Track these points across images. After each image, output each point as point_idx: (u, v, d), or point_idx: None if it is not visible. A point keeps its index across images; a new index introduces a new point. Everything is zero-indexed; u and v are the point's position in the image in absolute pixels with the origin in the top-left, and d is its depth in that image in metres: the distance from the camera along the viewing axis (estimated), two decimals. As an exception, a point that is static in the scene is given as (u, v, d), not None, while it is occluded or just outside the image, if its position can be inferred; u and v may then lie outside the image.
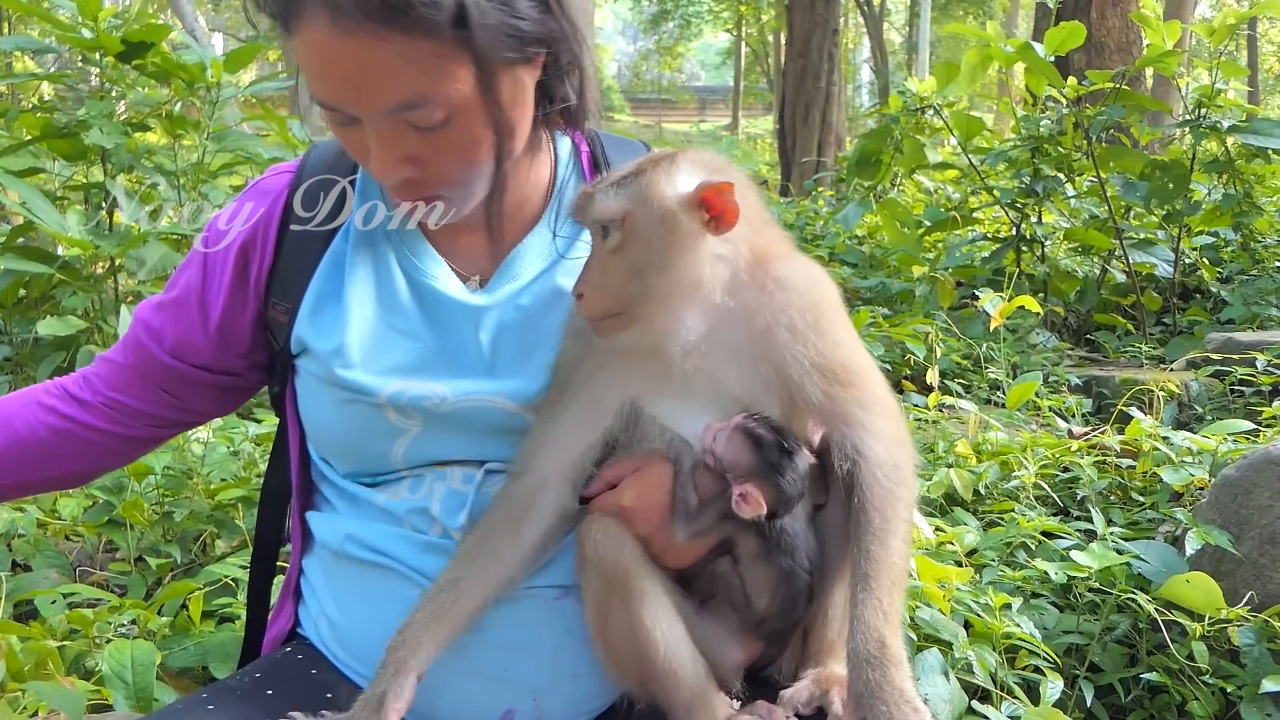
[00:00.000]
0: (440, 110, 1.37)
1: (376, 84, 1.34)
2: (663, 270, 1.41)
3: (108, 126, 4.71)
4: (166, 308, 1.71)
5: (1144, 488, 3.02)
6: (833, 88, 14.31)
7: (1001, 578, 2.51)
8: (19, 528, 3.03)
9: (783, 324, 1.44)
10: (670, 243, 1.40)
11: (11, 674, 2.15)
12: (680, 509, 1.47)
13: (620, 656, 1.48)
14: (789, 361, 1.44)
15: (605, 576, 1.46)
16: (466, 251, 1.65)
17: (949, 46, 35.14)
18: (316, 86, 1.38)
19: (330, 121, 1.44)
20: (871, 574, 1.38)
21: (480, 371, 1.58)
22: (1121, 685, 2.43)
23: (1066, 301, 6.10)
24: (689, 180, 1.41)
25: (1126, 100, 5.76)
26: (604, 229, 1.42)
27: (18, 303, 5.10)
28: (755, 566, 1.50)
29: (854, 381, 1.47)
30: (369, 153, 1.43)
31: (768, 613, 1.51)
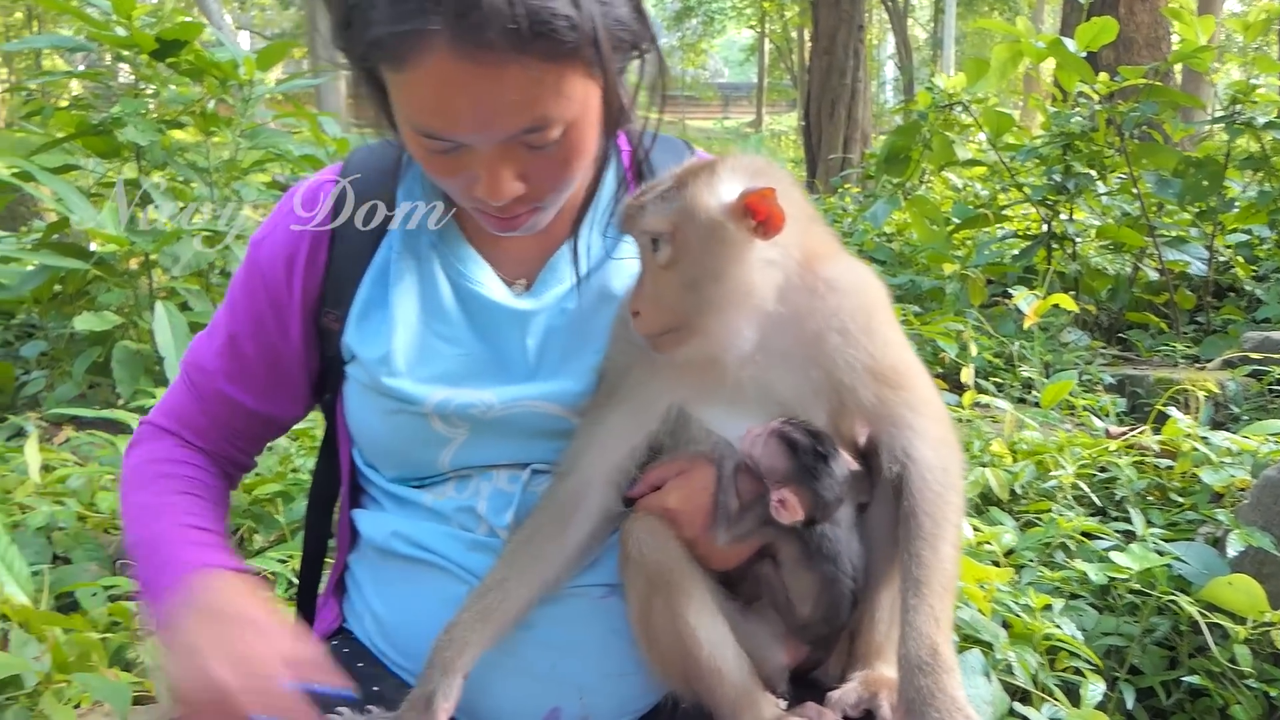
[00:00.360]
0: (559, 127, 1.36)
1: (505, 111, 1.31)
2: (716, 281, 1.40)
3: (142, 124, 4.75)
4: (228, 346, 1.69)
5: (1183, 488, 3.00)
6: (858, 84, 14.25)
7: (1040, 578, 2.50)
8: (59, 521, 3.05)
9: (835, 328, 1.44)
10: (720, 253, 1.39)
11: (57, 665, 2.16)
12: (721, 513, 1.46)
13: (664, 655, 1.48)
14: (841, 365, 1.43)
15: (649, 575, 1.46)
16: (510, 255, 1.64)
17: (974, 42, 34.95)
18: (429, 117, 1.33)
19: (425, 149, 1.39)
20: (923, 579, 1.37)
21: (526, 376, 1.57)
22: (1162, 688, 2.41)
23: (1098, 300, 6.06)
24: (732, 188, 1.40)
25: (1160, 96, 5.71)
26: (654, 243, 1.41)
27: (53, 298, 5.14)
28: (797, 572, 1.49)
29: (904, 384, 1.46)
30: (464, 175, 1.40)
31: (811, 619, 1.50)
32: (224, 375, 1.69)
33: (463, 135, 1.34)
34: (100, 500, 3.20)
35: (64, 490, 3.28)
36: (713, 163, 1.45)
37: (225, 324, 1.70)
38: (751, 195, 1.37)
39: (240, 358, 1.68)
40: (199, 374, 1.71)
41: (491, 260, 1.64)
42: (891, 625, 1.52)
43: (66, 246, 4.99)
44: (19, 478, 3.31)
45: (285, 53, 5.59)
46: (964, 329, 4.51)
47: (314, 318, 1.65)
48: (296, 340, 1.66)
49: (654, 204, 1.40)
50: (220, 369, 1.69)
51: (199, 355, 1.72)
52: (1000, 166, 6.74)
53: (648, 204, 1.41)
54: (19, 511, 3.10)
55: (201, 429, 1.73)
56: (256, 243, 1.68)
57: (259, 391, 1.70)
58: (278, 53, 5.43)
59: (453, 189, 1.46)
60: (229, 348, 1.69)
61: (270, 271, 1.65)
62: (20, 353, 5.28)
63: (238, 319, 1.69)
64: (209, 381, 1.70)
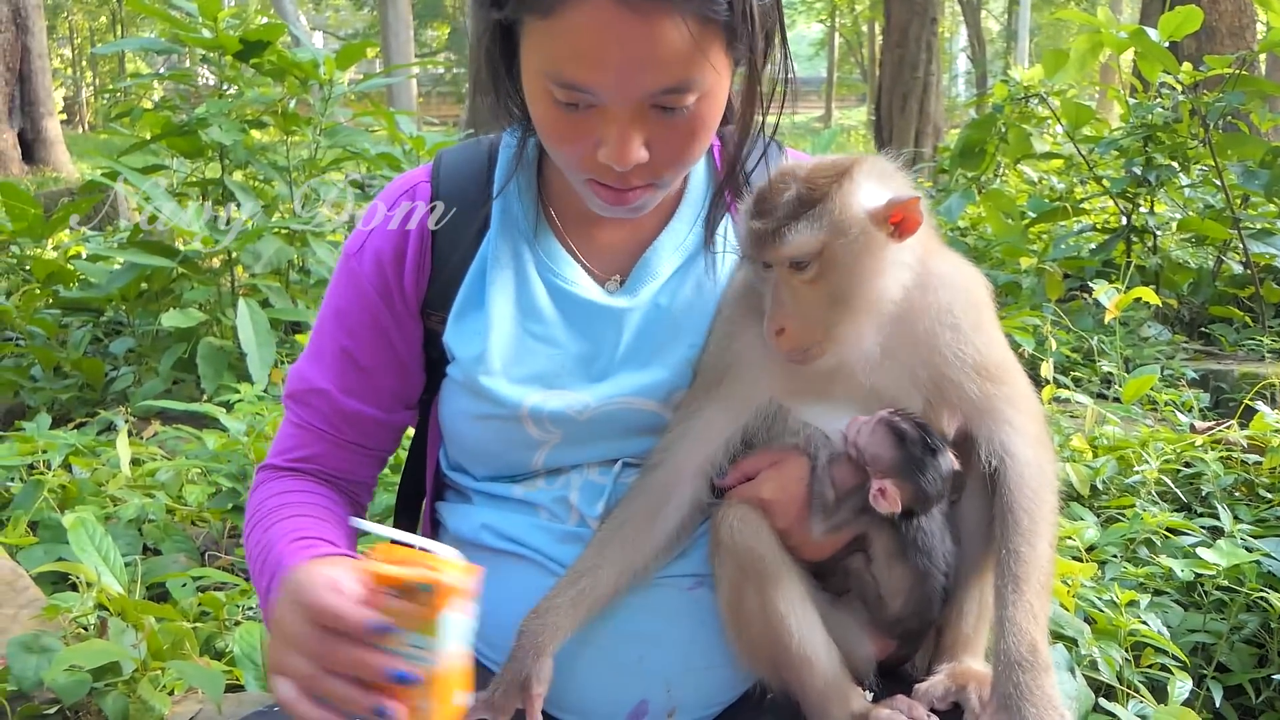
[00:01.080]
0: (693, 95, 1.36)
1: (654, 66, 1.31)
2: (861, 291, 1.40)
3: (226, 124, 4.86)
4: (343, 361, 1.66)
5: (1272, 484, 2.93)
6: (930, 78, 14.08)
7: (1124, 574, 2.46)
8: (149, 513, 3.14)
9: (947, 324, 1.45)
10: (868, 264, 1.39)
11: (152, 653, 2.22)
12: (817, 503, 1.47)
13: (753, 643, 1.49)
14: (950, 360, 1.44)
15: (740, 562, 1.47)
16: (603, 252, 1.64)
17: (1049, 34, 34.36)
18: (575, 65, 1.32)
19: (555, 106, 1.38)
20: (1022, 576, 1.37)
21: (620, 373, 1.57)
22: (1251, 686, 2.36)
23: (1180, 294, 5.93)
24: (875, 195, 1.40)
25: (1246, 85, 5.57)
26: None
27: (139, 296, 5.28)
28: (890, 565, 1.49)
29: (1005, 379, 1.47)
30: (587, 140, 1.40)
31: (902, 614, 1.50)
32: (342, 392, 1.65)
33: (605, 87, 1.33)
34: (187, 493, 3.28)
35: (153, 483, 3.37)
36: (847, 169, 1.42)
37: (333, 341, 1.66)
38: (898, 206, 1.38)
39: (359, 371, 1.65)
40: (314, 398, 1.67)
41: (584, 258, 1.64)
42: (979, 619, 1.52)
43: (153, 245, 5.12)
44: (110, 471, 3.40)
45: (363, 52, 5.67)
46: (1042, 323, 4.45)
47: (422, 318, 1.64)
48: (415, 341, 1.66)
49: (798, 224, 1.37)
50: (338, 387, 1.65)
51: (308, 380, 1.67)
52: (1078, 159, 6.62)
53: (788, 227, 1.38)
54: (111, 504, 3.20)
55: (318, 456, 1.69)
56: (355, 252, 1.65)
57: (384, 401, 1.68)
58: (356, 52, 5.51)
59: (572, 157, 1.44)
60: (344, 363, 1.65)
61: (379, 276, 1.63)
62: (109, 349, 5.43)
63: (351, 332, 1.65)
64: (327, 403, 1.66)
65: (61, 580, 2.80)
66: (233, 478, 3.30)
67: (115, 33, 37.00)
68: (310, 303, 5.18)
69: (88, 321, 5.59)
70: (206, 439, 3.56)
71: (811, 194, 1.38)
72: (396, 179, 1.73)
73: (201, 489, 3.30)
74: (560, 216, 1.64)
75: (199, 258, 4.97)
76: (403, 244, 1.63)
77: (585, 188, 1.49)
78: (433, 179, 1.66)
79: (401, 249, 1.63)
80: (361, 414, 1.67)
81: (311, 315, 4.92)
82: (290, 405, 1.70)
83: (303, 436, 1.69)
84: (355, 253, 1.65)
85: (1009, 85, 6.72)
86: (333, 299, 1.68)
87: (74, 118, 35.83)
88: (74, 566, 2.40)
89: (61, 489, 3.22)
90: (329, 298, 1.69)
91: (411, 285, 1.62)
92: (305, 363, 1.69)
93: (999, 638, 1.36)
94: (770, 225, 1.38)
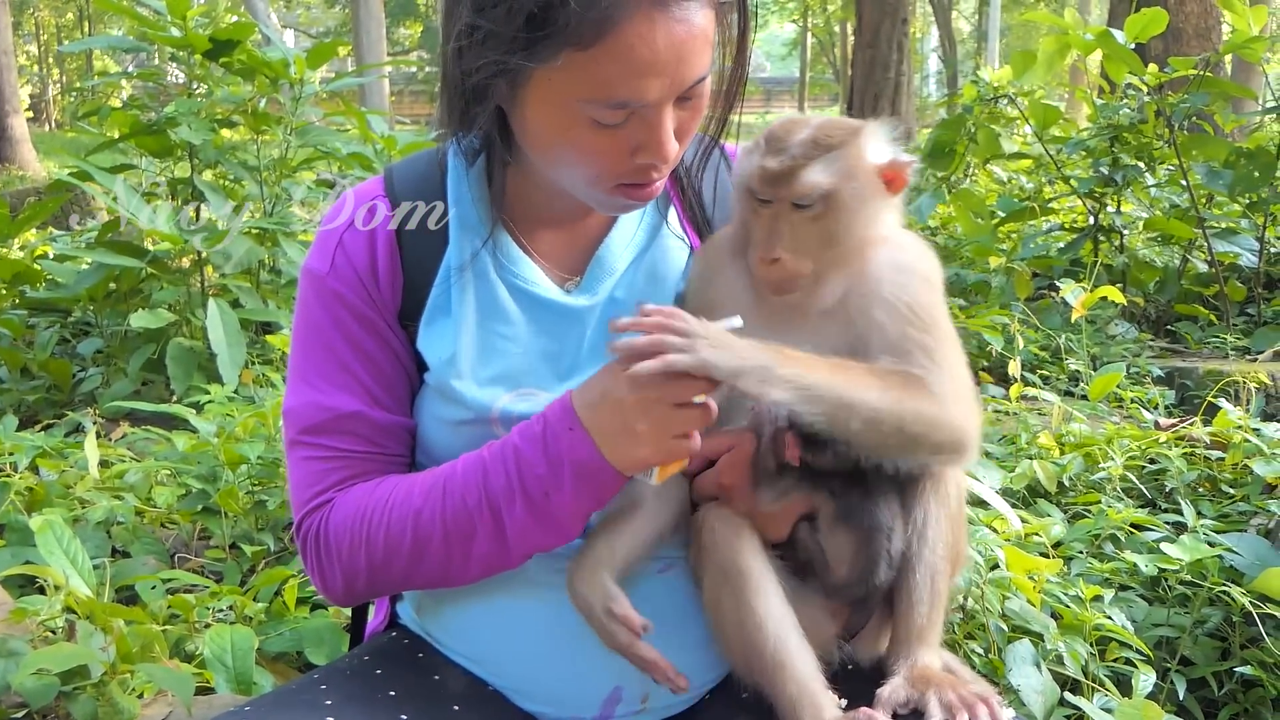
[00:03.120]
0: (705, 81, 1.43)
1: (693, 57, 1.37)
2: (854, 236, 1.50)
3: (195, 123, 4.83)
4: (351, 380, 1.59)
5: (1234, 480, 2.97)
6: (902, 78, 14.16)
7: (1090, 569, 2.49)
8: (118, 515, 3.12)
9: (900, 278, 1.52)
10: (865, 213, 1.50)
11: (121, 656, 2.21)
12: (762, 474, 1.52)
13: (730, 644, 1.52)
14: (886, 300, 1.50)
15: (719, 565, 1.50)
16: (555, 252, 1.65)
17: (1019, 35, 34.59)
18: (631, 84, 1.35)
19: (591, 128, 1.39)
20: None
21: (586, 369, 1.58)
22: (1214, 679, 2.40)
23: (1146, 292, 6.00)
24: (883, 152, 1.51)
25: (1211, 87, 5.64)
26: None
27: (108, 296, 5.24)
28: (833, 531, 1.52)
29: (931, 333, 1.51)
30: (621, 148, 1.42)
31: (848, 579, 1.53)
32: (373, 407, 1.58)
33: (656, 93, 1.37)
34: (157, 495, 3.26)
35: (122, 485, 3.34)
36: (860, 126, 1.52)
37: (338, 361, 1.58)
38: (901, 165, 1.50)
39: (380, 382, 1.59)
40: (349, 423, 1.57)
41: (541, 259, 1.65)
42: (932, 609, 1.55)
43: (121, 245, 5.09)
44: (78, 473, 3.38)
45: (334, 51, 5.65)
46: (1010, 322, 4.49)
47: (400, 325, 1.61)
48: (404, 349, 1.61)
49: (814, 165, 1.46)
50: (368, 404, 1.58)
51: (333, 408, 1.57)
52: (1046, 159, 6.68)
53: (805, 167, 1.46)
54: (79, 506, 3.18)
55: (368, 467, 1.59)
56: (327, 271, 1.59)
57: (409, 405, 1.63)
58: (328, 51, 5.49)
59: (601, 169, 1.44)
60: (363, 379, 1.58)
61: (360, 287, 1.59)
62: (77, 350, 5.39)
63: (356, 346, 1.58)
64: (365, 425, 1.58)
65: (29, 583, 2.79)
66: (203, 479, 3.28)
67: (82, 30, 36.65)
68: (281, 303, 5.15)
69: (55, 322, 5.55)
70: (176, 440, 3.54)
71: (828, 140, 1.48)
72: (347, 194, 1.67)
73: (171, 491, 3.28)
74: (514, 220, 1.64)
75: (168, 258, 4.94)
76: (373, 255, 1.59)
77: (608, 195, 1.49)
78: (387, 192, 1.63)
79: (373, 262, 1.59)
80: (397, 424, 1.60)
81: (283, 316, 4.89)
82: (314, 441, 1.58)
83: (334, 466, 1.57)
84: (328, 272, 1.59)
85: (978, 86, 6.77)
86: (319, 322, 1.60)
87: (40, 116, 35.50)
88: (41, 569, 2.38)
89: (28, 491, 3.19)
90: (312, 323, 1.61)
91: (388, 297, 1.60)
92: (315, 393, 1.58)
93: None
94: (785, 163, 1.46)
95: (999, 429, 3.49)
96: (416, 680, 1.56)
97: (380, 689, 1.53)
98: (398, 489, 1.52)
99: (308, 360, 1.60)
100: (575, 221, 1.64)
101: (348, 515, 1.53)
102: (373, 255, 1.60)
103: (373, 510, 1.51)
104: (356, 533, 1.51)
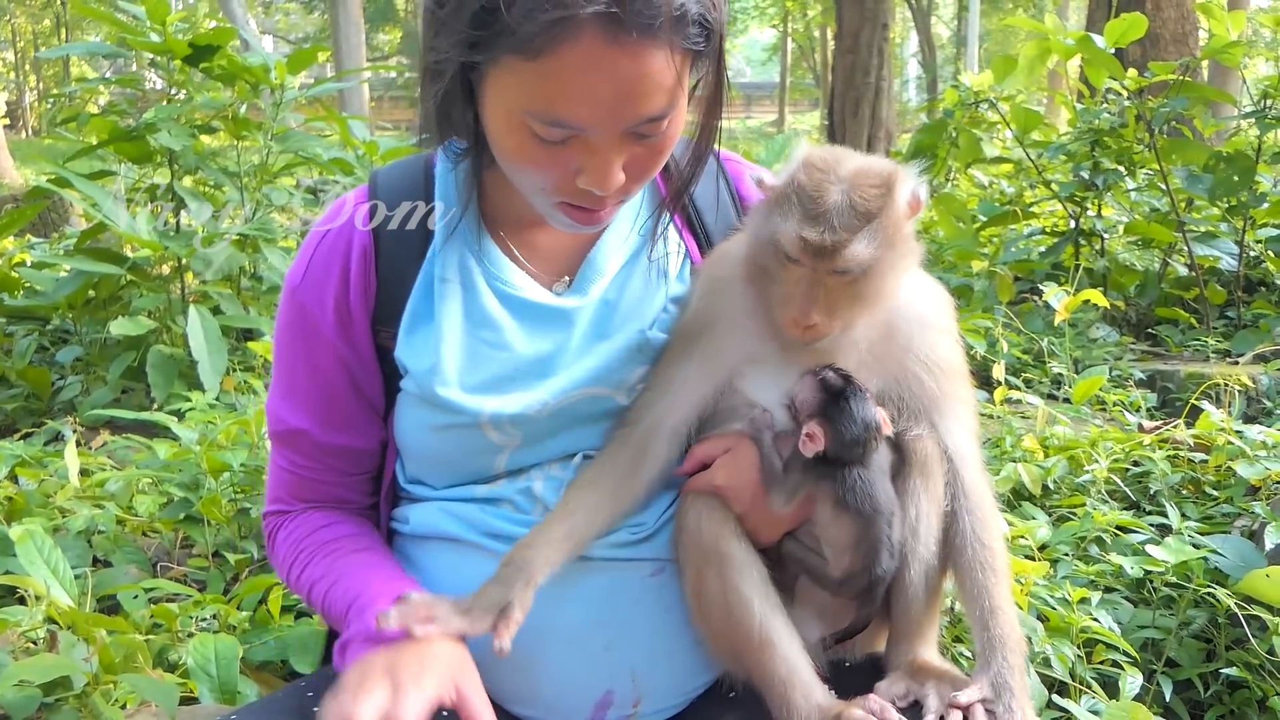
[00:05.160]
0: (670, 117, 1.40)
1: (641, 98, 1.34)
2: (889, 290, 1.50)
3: (175, 129, 4.80)
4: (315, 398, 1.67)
5: (1218, 482, 2.98)
6: (882, 83, 14.19)
7: (1076, 572, 2.50)
8: (99, 525, 3.09)
9: (927, 323, 1.59)
10: (902, 266, 1.50)
11: (104, 667, 2.19)
12: (771, 477, 1.53)
13: (717, 630, 1.52)
14: (918, 354, 1.56)
15: (703, 548, 1.51)
16: (546, 255, 1.66)
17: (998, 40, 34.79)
18: (567, 105, 1.33)
19: (532, 141, 1.39)
20: (991, 564, 1.53)
21: (571, 366, 1.59)
22: (1200, 680, 2.40)
23: (1127, 296, 6.03)
24: (909, 195, 1.48)
25: (1190, 91, 5.68)
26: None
27: (87, 304, 5.20)
28: (835, 519, 1.53)
29: (959, 382, 1.61)
30: (564, 168, 1.41)
31: (851, 569, 1.53)
32: (322, 428, 1.66)
33: (595, 122, 1.35)
34: (138, 503, 3.23)
35: (103, 494, 3.31)
36: (892, 180, 1.47)
37: (296, 376, 1.67)
38: (921, 200, 1.49)
39: (331, 404, 1.66)
40: (297, 439, 1.68)
41: (528, 263, 1.65)
42: (928, 605, 1.56)
43: (100, 252, 5.05)
44: (58, 482, 3.35)
45: (314, 56, 5.63)
46: (993, 326, 4.50)
47: (374, 336, 1.64)
48: (370, 362, 1.65)
49: (858, 241, 1.42)
50: (316, 425, 1.66)
51: (285, 420, 1.68)
52: (1027, 163, 6.71)
53: (848, 242, 1.42)
54: (59, 515, 3.14)
55: (318, 494, 1.71)
56: (299, 284, 1.64)
57: (361, 426, 1.68)
58: (307, 57, 5.47)
59: (545, 182, 1.45)
60: (315, 398, 1.66)
61: (327, 306, 1.62)
62: (56, 358, 5.34)
63: (313, 367, 1.65)
64: (310, 443, 1.67)
65: (9, 594, 2.75)
66: (185, 487, 3.25)
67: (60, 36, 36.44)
68: (263, 309, 5.12)
69: (33, 330, 5.50)
70: (157, 448, 3.51)
71: (866, 205, 1.43)
72: (331, 205, 1.72)
73: (153, 499, 3.25)
74: (501, 225, 1.66)
75: (148, 264, 4.90)
76: (345, 266, 1.63)
77: (553, 209, 1.50)
78: (370, 197, 1.66)
79: (345, 272, 1.62)
80: (344, 446, 1.68)
81: (264, 323, 4.87)
82: (276, 445, 1.73)
83: (295, 482, 1.72)
84: (299, 284, 1.64)
85: (959, 90, 6.80)
86: (285, 334, 1.68)
87: (17, 123, 35.27)
88: (22, 580, 2.35)
89: (8, 501, 3.16)
90: (281, 332, 1.69)
91: (359, 304, 1.62)
92: (276, 400, 1.69)
93: (985, 620, 1.47)
94: (829, 237, 1.42)
95: (984, 432, 3.49)
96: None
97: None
98: (324, 546, 1.66)
99: (277, 369, 1.70)
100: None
101: (286, 554, 1.70)
102: (346, 261, 1.62)
103: (297, 566, 1.67)
104: (290, 573, 1.70)
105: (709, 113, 1.54)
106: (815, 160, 1.48)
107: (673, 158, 1.65)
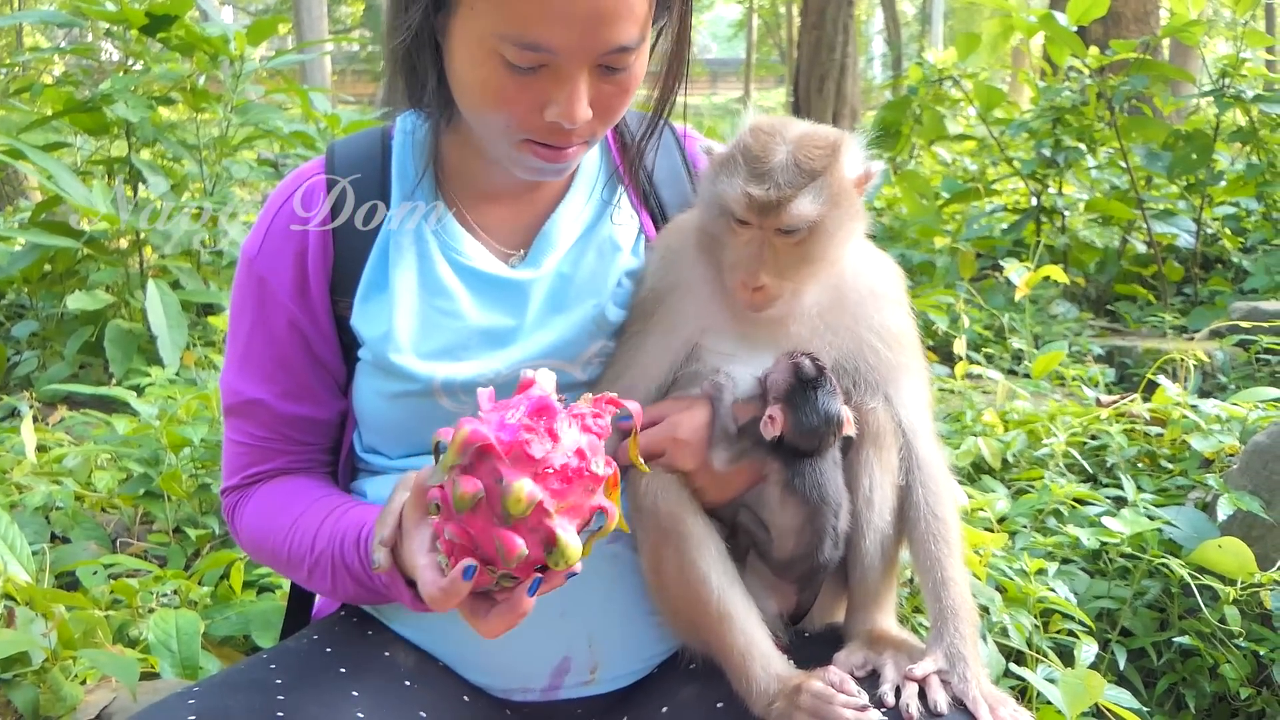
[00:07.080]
0: (637, 51, 1.42)
1: (615, 22, 1.36)
2: (835, 252, 1.52)
3: (132, 100, 4.73)
4: (272, 367, 1.65)
5: (1173, 455, 3.03)
6: (847, 60, 14.19)
7: (1034, 544, 2.53)
8: (57, 500, 3.06)
9: (879, 292, 1.60)
10: (848, 229, 1.52)
11: (63, 642, 2.18)
12: (720, 435, 1.54)
13: (674, 605, 1.52)
14: (872, 324, 1.57)
15: (660, 524, 1.51)
16: (501, 226, 1.66)
17: (963, 17, 34.86)
18: (541, 26, 1.35)
19: (500, 68, 1.40)
20: (944, 536, 1.55)
21: (527, 339, 1.60)
22: (1154, 649, 2.45)
23: (1086, 272, 6.09)
24: (858, 165, 1.52)
25: (1150, 70, 5.73)
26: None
27: (43, 278, 5.13)
28: (782, 503, 1.54)
29: (909, 351, 1.61)
30: (530, 102, 1.42)
31: (794, 554, 1.55)
32: (279, 398, 1.65)
33: (567, 45, 1.36)
34: (97, 479, 3.20)
35: (60, 470, 3.28)
36: (838, 142, 1.51)
37: (253, 346, 1.66)
38: (871, 172, 1.52)
39: (289, 374, 1.65)
40: (253, 409, 1.66)
41: (485, 234, 1.65)
42: (885, 574, 1.58)
43: (56, 225, 4.98)
44: (15, 458, 3.31)
45: (274, 27, 5.56)
46: (955, 302, 4.54)
47: (332, 306, 1.64)
48: (329, 332, 1.65)
49: (803, 198, 1.45)
50: (273, 394, 1.65)
51: (241, 392, 1.67)
52: (990, 141, 6.75)
53: (793, 199, 1.45)
54: (16, 492, 3.11)
55: (276, 458, 1.69)
56: (256, 254, 1.64)
57: (320, 396, 1.68)
58: (268, 28, 5.40)
59: (512, 118, 1.45)
60: (272, 368, 1.65)
61: (284, 272, 1.62)
62: (11, 333, 5.27)
63: (270, 337, 1.64)
64: (267, 413, 1.66)
65: (-35, 570, 2.72)
66: (144, 463, 3.22)
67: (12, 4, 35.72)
68: (222, 284, 5.07)
69: (-12, 305, 5.43)
70: (116, 424, 3.48)
71: (811, 164, 1.46)
72: (289, 175, 1.72)
73: (112, 475, 3.22)
74: (459, 196, 1.66)
75: (105, 238, 4.83)
76: (303, 237, 1.62)
77: (518, 150, 1.50)
78: (328, 169, 1.66)
79: (302, 242, 1.62)
80: (302, 416, 1.67)
81: (224, 297, 4.82)
82: (231, 420, 1.70)
83: (253, 454, 1.69)
84: (256, 255, 1.64)
85: (923, 68, 6.83)
86: (242, 304, 1.67)
87: (-29, 94, 34.60)
88: (-22, 556, 2.33)
89: (-37, 477, 3.12)
90: (237, 302, 1.68)
91: (317, 275, 1.62)
92: (232, 374, 1.68)
93: (938, 592, 1.49)
94: (773, 194, 1.45)
95: (945, 407, 3.53)
96: (367, 657, 1.55)
97: (331, 667, 1.51)
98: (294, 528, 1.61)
99: (233, 341, 1.69)
100: (521, 196, 1.66)
101: (253, 532, 1.68)
102: (304, 235, 1.62)
103: (271, 537, 1.63)
104: (260, 550, 1.69)
105: (666, 82, 1.56)
106: (763, 125, 1.52)
107: (629, 129, 1.68)
